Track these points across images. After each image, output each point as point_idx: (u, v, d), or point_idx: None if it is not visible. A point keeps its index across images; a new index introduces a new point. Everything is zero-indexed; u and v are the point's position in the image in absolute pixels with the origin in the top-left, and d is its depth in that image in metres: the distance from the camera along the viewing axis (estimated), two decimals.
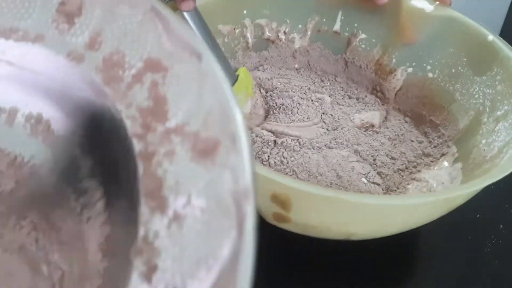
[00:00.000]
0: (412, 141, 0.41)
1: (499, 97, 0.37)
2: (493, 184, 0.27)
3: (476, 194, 0.29)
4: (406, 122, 0.44)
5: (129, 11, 0.21)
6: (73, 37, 0.22)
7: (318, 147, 0.38)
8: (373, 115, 0.42)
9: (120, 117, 0.20)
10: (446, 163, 0.38)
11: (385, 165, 0.38)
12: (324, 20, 0.47)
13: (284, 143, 0.38)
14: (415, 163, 0.39)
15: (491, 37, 0.39)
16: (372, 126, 0.42)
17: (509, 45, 0.37)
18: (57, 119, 0.24)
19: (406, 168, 0.38)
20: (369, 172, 0.37)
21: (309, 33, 0.48)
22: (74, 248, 0.22)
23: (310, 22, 0.47)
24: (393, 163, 0.38)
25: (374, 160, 0.38)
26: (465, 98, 0.40)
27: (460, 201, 0.29)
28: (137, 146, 0.19)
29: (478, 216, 0.39)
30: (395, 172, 0.38)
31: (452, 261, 0.36)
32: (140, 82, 0.20)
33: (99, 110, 0.22)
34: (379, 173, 0.37)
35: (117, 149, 0.21)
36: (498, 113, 0.36)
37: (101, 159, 0.23)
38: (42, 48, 0.22)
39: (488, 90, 0.38)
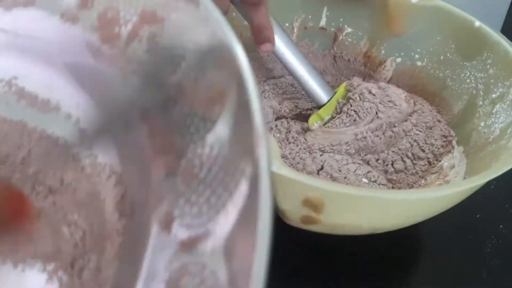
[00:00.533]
0: (440, 121, 0.40)
1: (492, 80, 0.38)
2: (493, 184, 0.27)
3: (476, 194, 0.30)
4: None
5: None
6: None
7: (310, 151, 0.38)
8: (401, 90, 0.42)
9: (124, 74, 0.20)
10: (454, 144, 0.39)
11: (401, 171, 0.37)
12: (310, 17, 0.47)
13: None
14: (440, 151, 0.38)
15: (477, 23, 0.40)
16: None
17: (497, 31, 0.39)
18: (58, 83, 0.24)
19: (429, 163, 0.38)
20: (368, 172, 0.36)
21: (296, 31, 0.48)
22: (92, 208, 0.22)
23: (297, 20, 0.47)
24: (415, 165, 0.37)
25: (387, 165, 0.37)
26: (456, 84, 0.42)
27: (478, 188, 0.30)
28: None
29: (478, 216, 0.39)
30: (412, 174, 0.37)
31: (452, 261, 0.36)
32: (137, 36, 0.20)
33: (99, 70, 0.22)
34: (389, 180, 0.37)
35: (122, 101, 0.21)
36: (493, 95, 0.38)
37: (109, 116, 0.23)
38: (35, 11, 0.22)
39: (479, 74, 0.40)
